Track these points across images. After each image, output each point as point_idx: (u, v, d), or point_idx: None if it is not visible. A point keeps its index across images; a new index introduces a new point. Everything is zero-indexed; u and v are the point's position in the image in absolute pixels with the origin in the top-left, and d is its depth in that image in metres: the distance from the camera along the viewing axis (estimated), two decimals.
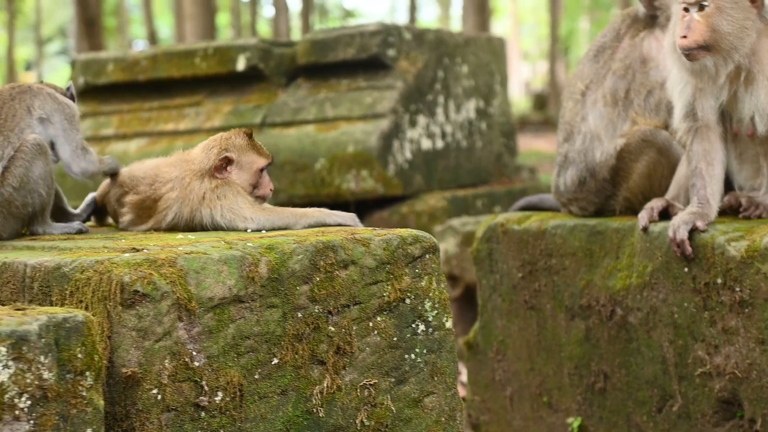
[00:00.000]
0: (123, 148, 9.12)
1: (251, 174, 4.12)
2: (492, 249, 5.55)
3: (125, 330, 3.22)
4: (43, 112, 4.22)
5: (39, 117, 4.20)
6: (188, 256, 3.38)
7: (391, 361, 3.71)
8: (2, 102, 4.16)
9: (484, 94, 9.81)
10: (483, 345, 5.64)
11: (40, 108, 4.22)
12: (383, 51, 8.73)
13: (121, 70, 9.62)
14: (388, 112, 8.46)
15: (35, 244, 3.92)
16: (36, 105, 4.22)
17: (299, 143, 8.51)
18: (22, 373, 2.88)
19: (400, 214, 8.41)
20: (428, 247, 3.82)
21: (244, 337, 3.41)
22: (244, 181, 4.09)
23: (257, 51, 9.09)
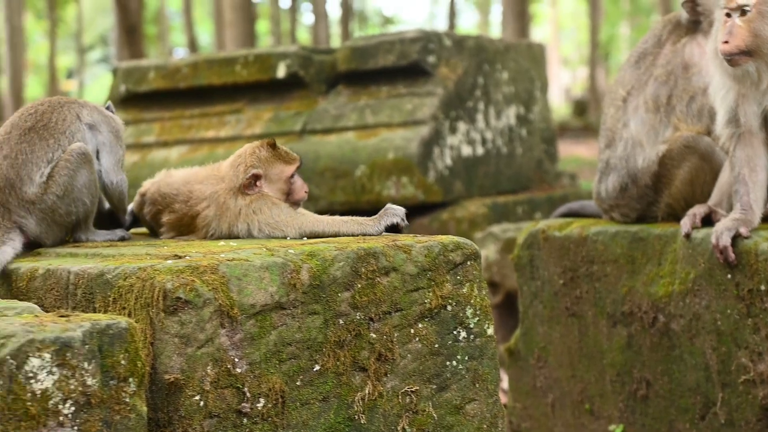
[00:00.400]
0: (164, 155, 9.15)
1: (281, 183, 4.11)
2: (533, 255, 5.53)
3: (168, 336, 3.23)
4: (91, 120, 4.25)
5: (88, 123, 4.23)
6: (230, 262, 3.38)
7: (432, 368, 3.70)
8: (52, 108, 4.19)
9: (524, 101, 9.79)
10: (524, 352, 5.62)
11: (89, 116, 4.26)
12: (423, 57, 8.72)
13: (162, 77, 9.65)
14: (428, 118, 8.45)
15: (78, 251, 3.94)
16: (84, 113, 4.25)
17: (339, 150, 8.51)
18: (66, 379, 2.89)
19: (440, 221, 8.39)
20: (470, 253, 3.81)
21: (286, 343, 3.41)
22: (276, 191, 4.09)
23: (297, 58, 9.10)
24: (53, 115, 4.17)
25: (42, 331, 2.89)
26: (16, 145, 4.09)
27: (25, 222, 4.07)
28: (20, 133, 4.11)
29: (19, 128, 4.13)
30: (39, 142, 4.09)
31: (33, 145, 4.08)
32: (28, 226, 4.08)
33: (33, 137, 4.09)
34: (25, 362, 2.82)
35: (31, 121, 4.14)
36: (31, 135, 4.10)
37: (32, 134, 4.10)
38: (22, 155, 4.07)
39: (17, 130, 4.13)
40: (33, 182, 4.05)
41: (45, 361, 2.86)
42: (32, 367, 2.83)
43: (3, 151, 4.10)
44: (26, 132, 4.11)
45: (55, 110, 4.19)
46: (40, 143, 4.08)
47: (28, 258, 3.98)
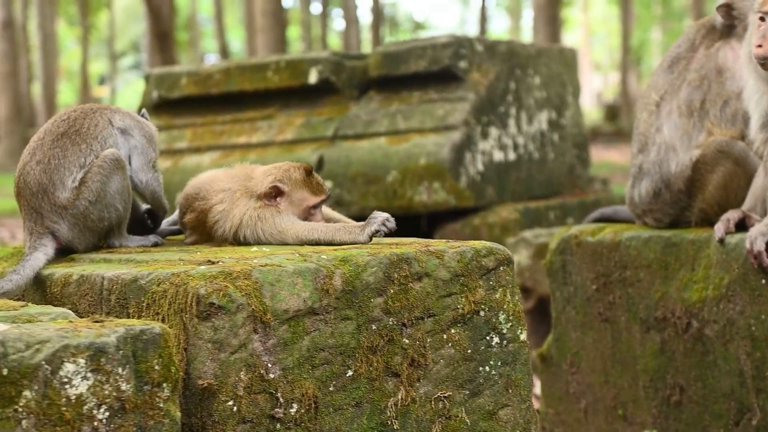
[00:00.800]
0: (196, 161, 9.18)
1: (301, 210, 4.09)
2: (566, 261, 5.52)
3: (201, 342, 3.24)
4: (123, 125, 4.27)
5: (120, 128, 4.25)
6: (263, 268, 3.39)
7: (465, 374, 3.70)
8: (84, 114, 4.22)
9: (556, 106, 9.77)
10: (557, 357, 5.61)
11: (121, 121, 4.28)
12: (455, 63, 8.72)
13: (195, 83, 9.68)
14: (460, 124, 8.45)
15: (112, 257, 3.96)
16: (116, 118, 4.27)
17: (371, 156, 8.52)
18: (100, 384, 2.90)
19: (472, 226, 8.39)
20: (502, 259, 3.80)
21: (319, 349, 3.42)
22: (291, 212, 4.09)
23: (329, 64, 9.11)
24: (85, 120, 4.19)
25: (76, 337, 2.90)
26: (48, 151, 4.11)
27: (57, 227, 4.09)
28: (53, 138, 4.14)
29: (52, 134, 4.15)
30: (71, 147, 4.11)
31: (65, 150, 4.10)
32: (61, 231, 4.09)
33: (66, 142, 4.11)
34: (60, 367, 2.84)
35: (64, 127, 4.16)
36: (63, 140, 4.12)
37: (65, 139, 4.12)
38: (55, 160, 4.09)
39: (50, 135, 4.15)
40: (65, 187, 4.06)
41: (80, 367, 2.87)
42: (67, 373, 2.85)
43: (36, 157, 4.12)
44: (59, 137, 4.13)
45: (88, 116, 4.21)
46: (73, 148, 4.10)
47: (62, 264, 4.00)
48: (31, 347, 2.82)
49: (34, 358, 2.80)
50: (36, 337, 2.85)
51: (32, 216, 4.09)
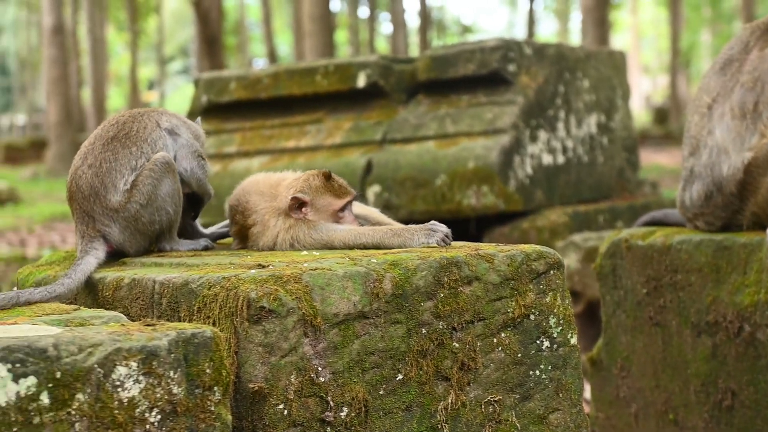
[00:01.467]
0: (245, 165, 9.21)
1: (329, 215, 4.09)
2: (616, 265, 5.49)
3: (252, 345, 3.25)
4: (170, 125, 4.30)
5: (167, 128, 4.28)
6: (313, 272, 3.40)
7: (515, 378, 3.69)
8: (133, 118, 4.25)
9: (605, 109, 9.73)
10: (607, 361, 5.58)
11: (168, 122, 4.31)
12: (504, 66, 8.71)
13: (244, 88, 9.72)
14: (508, 127, 8.43)
15: (163, 261, 3.98)
16: (163, 119, 4.30)
17: (419, 159, 8.52)
18: (152, 387, 2.92)
19: (521, 230, 8.36)
20: (553, 263, 3.79)
21: (369, 353, 3.42)
22: (320, 220, 4.09)
23: (377, 68, 9.12)
24: (134, 124, 4.22)
25: (129, 340, 2.92)
26: (100, 154, 4.14)
27: (108, 230, 4.11)
28: (103, 142, 4.17)
29: (102, 138, 4.19)
30: (122, 150, 4.14)
31: (116, 153, 4.13)
32: (112, 234, 4.12)
33: (116, 146, 4.14)
34: (113, 371, 2.85)
35: (114, 131, 4.20)
36: (114, 144, 4.15)
37: (115, 143, 4.15)
38: (106, 163, 4.12)
39: (101, 140, 4.18)
40: (117, 190, 4.09)
41: (132, 370, 2.88)
42: (119, 376, 2.86)
43: (88, 161, 4.15)
44: (109, 141, 4.16)
45: (136, 119, 4.25)
46: (123, 151, 4.13)
47: (114, 267, 4.03)
48: (83, 350, 2.84)
49: (86, 362, 2.82)
50: (89, 341, 2.87)
51: (84, 219, 4.12)
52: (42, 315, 3.37)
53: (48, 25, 34.02)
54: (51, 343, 2.80)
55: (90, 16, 51.22)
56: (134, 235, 4.16)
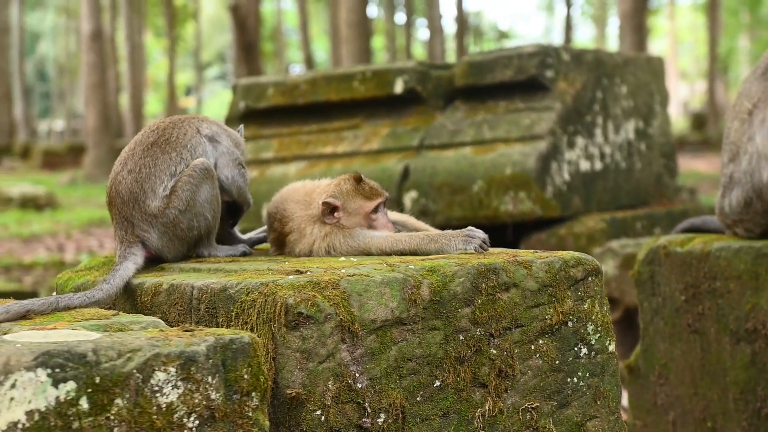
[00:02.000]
0: (282, 171, 9.23)
1: (360, 218, 4.09)
2: (654, 271, 5.47)
3: (289, 351, 3.25)
4: (210, 132, 4.32)
5: (207, 135, 4.29)
6: (351, 278, 3.40)
7: (553, 385, 3.68)
8: (173, 124, 4.27)
9: (643, 115, 9.69)
10: (645, 369, 5.56)
11: (208, 129, 4.32)
12: (541, 72, 8.69)
13: (281, 94, 9.74)
14: (546, 133, 8.41)
15: (201, 266, 3.99)
16: (204, 126, 4.32)
17: (457, 165, 8.51)
18: (190, 393, 2.92)
19: (558, 236, 8.34)
20: (591, 269, 3.78)
21: (406, 359, 3.41)
22: (354, 224, 4.08)
23: (415, 74, 9.12)
24: (174, 130, 4.24)
25: (167, 346, 2.93)
26: (139, 160, 4.16)
27: (147, 236, 4.13)
28: (143, 148, 4.19)
29: (142, 144, 4.21)
30: (162, 156, 4.15)
31: (156, 159, 4.15)
32: (151, 240, 4.13)
33: (156, 151, 4.16)
34: (151, 376, 2.86)
35: (154, 137, 4.22)
36: (153, 149, 4.17)
37: (155, 149, 4.17)
38: (146, 169, 4.14)
39: (140, 146, 4.20)
40: (156, 196, 4.11)
41: (170, 375, 2.89)
42: (158, 381, 2.87)
43: (128, 166, 4.17)
44: (149, 147, 4.18)
45: (176, 126, 4.27)
46: (163, 157, 4.15)
47: (152, 273, 4.04)
48: (122, 356, 2.85)
49: (125, 367, 2.83)
50: (128, 346, 2.88)
51: (123, 224, 4.14)
52: (81, 320, 3.38)
53: (87, 32, 34.22)
54: (90, 348, 2.82)
55: (128, 23, 51.51)
56: (173, 241, 4.17)
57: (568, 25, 46.78)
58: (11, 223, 20.46)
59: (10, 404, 2.67)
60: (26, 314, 3.50)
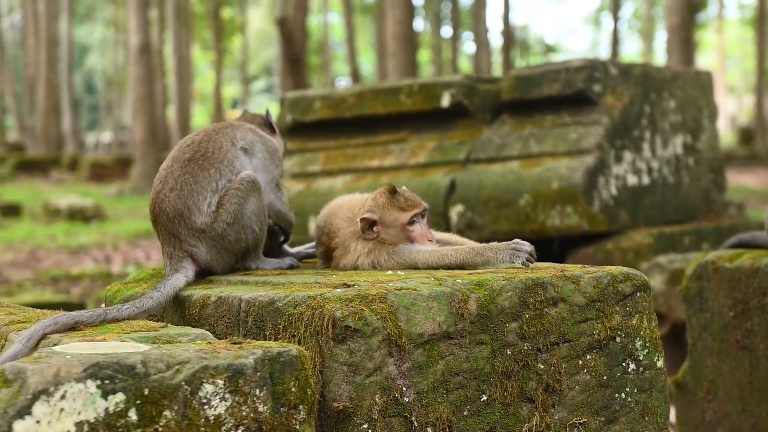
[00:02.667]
0: (329, 184, 9.25)
1: (398, 230, 4.07)
2: (702, 287, 5.43)
3: (337, 365, 3.26)
4: (245, 143, 4.33)
5: (242, 147, 4.30)
6: (398, 292, 3.40)
7: (600, 400, 3.66)
8: (207, 137, 4.28)
9: (691, 129, 9.64)
10: (693, 385, 5.52)
11: (242, 139, 4.33)
12: (589, 86, 8.66)
13: (328, 107, 9.76)
14: (593, 147, 8.38)
15: (249, 279, 4.00)
16: (238, 136, 4.33)
17: (503, 179, 8.49)
18: (238, 405, 2.93)
19: (604, 251, 8.30)
20: (639, 284, 3.76)
21: (454, 373, 3.41)
22: (393, 237, 4.07)
23: (462, 87, 9.11)
24: (209, 144, 4.25)
25: (215, 358, 2.94)
26: (179, 177, 4.17)
27: (195, 250, 4.15)
28: (181, 165, 4.20)
29: (179, 161, 4.22)
30: (201, 172, 4.17)
31: (195, 176, 4.16)
32: (199, 254, 4.15)
33: (194, 168, 4.17)
34: (200, 388, 2.87)
35: (190, 153, 4.23)
36: (191, 166, 4.18)
37: (193, 165, 4.18)
38: (188, 186, 4.15)
39: (178, 162, 4.21)
40: (201, 211, 4.12)
41: (218, 388, 2.90)
42: (206, 393, 2.88)
43: (168, 184, 4.18)
44: (187, 163, 4.19)
45: (211, 139, 4.27)
46: (202, 173, 4.16)
47: (201, 285, 4.06)
48: (171, 368, 2.86)
49: (174, 379, 2.84)
50: (176, 358, 2.89)
51: (170, 241, 4.16)
52: (130, 332, 3.40)
53: (135, 45, 34.47)
54: (139, 360, 2.83)
55: (176, 36, 51.82)
56: (221, 254, 4.19)
57: (615, 39, 46.63)
58: (59, 234, 20.61)
59: (60, 415, 2.69)
60: (75, 325, 3.52)
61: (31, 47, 55.25)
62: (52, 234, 20.61)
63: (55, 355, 2.90)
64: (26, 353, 3.26)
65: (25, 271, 15.45)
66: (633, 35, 76.35)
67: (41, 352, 2.98)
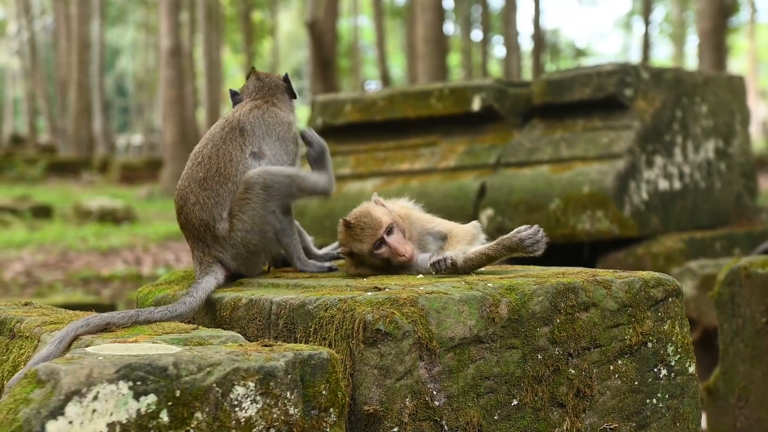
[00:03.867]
0: (359, 187, 9.25)
1: (368, 258, 4.08)
2: (734, 293, 5.41)
3: (367, 368, 3.26)
4: (255, 147, 4.30)
5: (251, 153, 4.28)
6: (429, 295, 3.39)
7: (632, 405, 3.64)
8: (216, 148, 4.29)
9: (723, 134, 9.59)
10: (724, 391, 5.49)
11: (251, 141, 4.31)
12: (620, 91, 8.63)
13: (358, 110, 9.76)
14: (624, 152, 8.35)
15: (280, 282, 4.01)
16: (247, 142, 4.30)
17: (533, 183, 8.47)
18: (269, 408, 2.94)
19: (635, 256, 8.27)
20: (671, 290, 3.75)
21: (484, 377, 3.40)
22: (375, 262, 4.08)
23: (492, 91, 9.10)
24: (219, 159, 4.21)
25: (247, 360, 2.94)
26: (200, 194, 4.19)
27: (222, 256, 4.18)
28: (198, 183, 4.21)
29: (195, 180, 4.22)
30: (219, 187, 4.18)
31: (216, 191, 4.17)
32: (226, 260, 4.18)
33: (212, 185, 4.18)
34: (231, 390, 2.88)
35: (203, 172, 4.22)
36: (209, 183, 4.19)
37: (210, 182, 4.19)
38: (210, 200, 4.17)
39: (195, 182, 4.22)
40: (222, 220, 4.14)
41: (249, 390, 2.91)
42: (237, 395, 2.89)
43: (191, 201, 4.21)
44: (203, 182, 4.20)
45: (219, 150, 4.24)
46: (222, 188, 4.17)
47: (232, 288, 4.07)
48: (202, 370, 2.87)
49: (205, 381, 2.85)
50: (208, 360, 2.90)
51: (199, 246, 4.18)
52: (162, 334, 3.41)
53: (165, 47, 34.58)
54: (171, 361, 2.84)
55: (206, 39, 51.97)
56: (248, 259, 4.21)
57: (646, 43, 46.49)
58: (90, 236, 20.70)
59: (93, 416, 2.70)
60: (106, 327, 3.54)
61: (63, 50, 55.51)
62: (83, 235, 20.70)
63: (87, 356, 2.91)
64: (59, 354, 3.27)
65: (55, 272, 15.52)
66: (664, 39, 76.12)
67: (74, 353, 3.00)
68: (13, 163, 40.82)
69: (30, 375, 2.79)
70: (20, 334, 3.70)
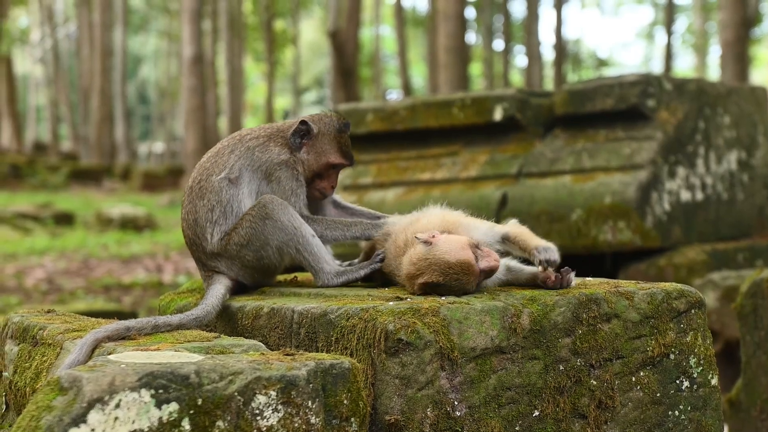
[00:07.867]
0: (380, 196, 9.25)
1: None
2: (757, 305, 5.39)
3: (389, 378, 3.25)
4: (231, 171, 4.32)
5: (227, 177, 4.29)
6: (451, 305, 3.39)
7: (653, 417, 3.63)
8: (208, 161, 4.35)
9: (746, 145, 9.56)
10: (746, 403, 5.47)
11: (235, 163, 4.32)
12: (642, 101, 8.61)
13: (380, 120, 9.75)
14: (646, 163, 8.33)
15: (301, 291, 4.01)
16: (231, 162, 4.33)
17: (555, 193, 8.46)
18: (290, 417, 2.94)
19: (657, 267, 8.25)
20: (694, 301, 3.74)
21: (506, 388, 3.40)
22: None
23: (514, 101, 9.09)
24: (203, 172, 4.27)
25: (268, 369, 2.94)
26: (187, 206, 4.29)
27: (218, 268, 4.21)
28: (188, 194, 4.30)
29: (187, 189, 4.32)
30: (198, 201, 4.22)
31: (195, 205, 4.24)
32: (223, 269, 4.21)
33: (194, 198, 4.27)
34: (252, 399, 2.88)
35: (191, 182, 4.32)
36: (192, 196, 4.29)
37: (192, 195, 4.28)
38: (191, 216, 4.25)
39: (187, 191, 4.30)
40: (206, 238, 4.19)
41: (271, 399, 2.91)
42: (258, 404, 2.89)
43: (183, 214, 4.33)
44: (189, 192, 4.30)
45: (204, 166, 4.31)
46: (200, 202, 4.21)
47: (253, 296, 4.07)
48: (224, 378, 2.87)
49: (227, 389, 2.85)
50: (229, 369, 2.90)
51: (198, 261, 4.28)
52: (184, 342, 3.42)
53: (188, 56, 34.69)
54: (193, 370, 2.84)
55: (229, 47, 52.09)
56: (245, 270, 4.21)
57: (668, 54, 46.37)
58: (111, 243, 20.75)
59: (115, 424, 2.70)
60: (127, 333, 3.55)
61: (86, 57, 55.68)
62: (104, 243, 20.75)
63: (110, 363, 2.92)
64: (82, 362, 3.28)
65: (77, 279, 15.56)
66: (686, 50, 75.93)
67: (96, 361, 3.00)
68: (35, 171, 40.93)
69: (52, 382, 2.80)
70: (43, 341, 3.71)
